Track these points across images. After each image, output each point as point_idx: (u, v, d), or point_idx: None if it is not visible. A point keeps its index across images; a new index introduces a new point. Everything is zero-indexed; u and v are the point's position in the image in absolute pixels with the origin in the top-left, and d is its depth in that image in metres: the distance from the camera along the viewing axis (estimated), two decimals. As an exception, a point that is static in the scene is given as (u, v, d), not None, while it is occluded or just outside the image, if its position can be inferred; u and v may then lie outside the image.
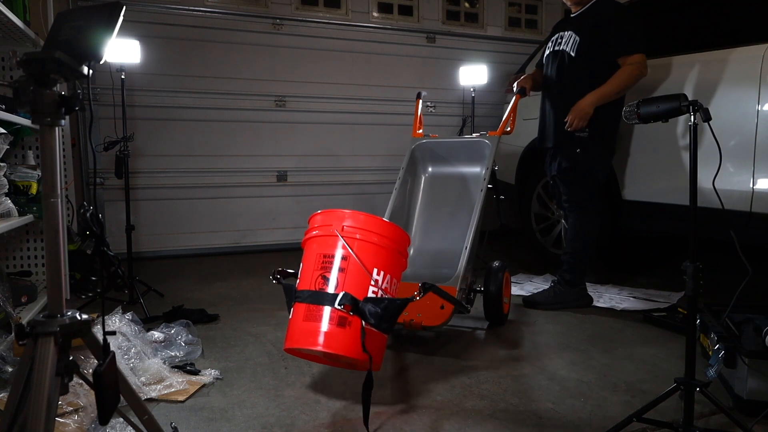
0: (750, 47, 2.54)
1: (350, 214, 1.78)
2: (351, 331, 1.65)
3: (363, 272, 1.71)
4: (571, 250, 2.96)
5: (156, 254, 4.29)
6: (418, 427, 1.68)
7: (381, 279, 1.74)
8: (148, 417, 1.28)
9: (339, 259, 1.72)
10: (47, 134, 1.11)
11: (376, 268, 1.73)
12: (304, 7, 4.65)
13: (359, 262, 1.70)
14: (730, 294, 1.65)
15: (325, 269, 1.71)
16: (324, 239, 1.76)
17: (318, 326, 1.67)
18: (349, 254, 1.71)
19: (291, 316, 1.76)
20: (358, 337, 1.65)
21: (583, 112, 2.73)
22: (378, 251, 1.76)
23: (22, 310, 2.53)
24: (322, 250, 1.75)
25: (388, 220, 1.92)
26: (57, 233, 1.14)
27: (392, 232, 1.81)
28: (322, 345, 1.66)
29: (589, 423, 1.70)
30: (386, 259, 1.77)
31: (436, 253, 2.84)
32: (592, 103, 2.72)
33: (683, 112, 1.50)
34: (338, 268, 1.71)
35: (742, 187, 2.51)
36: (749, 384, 1.69)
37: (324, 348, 1.66)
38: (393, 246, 1.79)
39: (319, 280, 1.71)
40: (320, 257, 1.74)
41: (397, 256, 1.82)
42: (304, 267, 1.80)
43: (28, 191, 2.71)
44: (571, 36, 2.85)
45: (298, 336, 1.70)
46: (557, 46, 2.93)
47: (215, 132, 4.44)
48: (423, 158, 3.01)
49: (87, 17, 1.13)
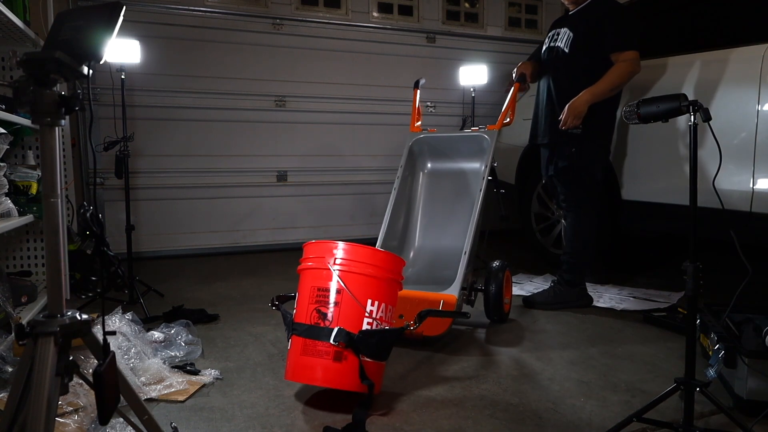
0: (750, 47, 2.54)
1: (343, 246, 1.78)
2: (348, 364, 1.70)
3: (357, 305, 1.73)
4: (570, 250, 2.96)
5: (156, 254, 4.29)
6: (418, 427, 1.68)
7: (375, 309, 1.76)
8: (148, 417, 1.28)
9: (333, 293, 1.74)
10: (47, 134, 1.11)
11: (370, 299, 1.75)
12: (304, 7, 4.65)
13: (352, 296, 1.72)
14: (730, 294, 1.65)
15: (319, 303, 1.74)
16: (317, 272, 1.77)
17: (316, 361, 1.72)
18: (343, 288, 1.73)
19: (290, 347, 1.81)
20: (356, 369, 1.69)
21: (578, 111, 2.72)
22: (371, 282, 1.77)
23: (22, 310, 2.53)
24: (316, 283, 1.77)
25: (381, 249, 1.94)
26: (57, 233, 1.14)
27: (385, 261, 1.82)
28: (321, 381, 1.74)
29: (589, 423, 1.70)
30: (380, 288, 1.79)
31: (437, 252, 2.84)
32: (587, 101, 2.71)
33: (683, 112, 1.50)
34: (333, 302, 1.73)
35: (742, 187, 2.51)
36: (749, 384, 1.69)
37: (323, 384, 1.75)
38: (387, 275, 1.80)
39: (314, 314, 1.75)
40: (314, 290, 1.76)
41: (391, 284, 1.83)
42: (300, 298, 1.82)
43: (28, 191, 2.71)
44: (566, 33, 2.86)
45: (298, 371, 1.76)
46: (552, 42, 2.94)
47: (215, 132, 4.44)
48: (421, 154, 2.99)
49: (87, 17, 1.13)
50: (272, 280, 3.62)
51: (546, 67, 2.98)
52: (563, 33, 2.88)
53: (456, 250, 2.55)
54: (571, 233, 2.98)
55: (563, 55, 2.85)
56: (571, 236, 2.97)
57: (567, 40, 2.84)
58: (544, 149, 3.04)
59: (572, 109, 2.73)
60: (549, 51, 2.96)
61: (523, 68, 3.02)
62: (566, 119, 2.74)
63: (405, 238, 2.90)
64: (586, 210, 2.92)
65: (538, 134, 3.01)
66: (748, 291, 1.56)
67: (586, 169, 2.86)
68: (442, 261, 2.77)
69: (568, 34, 2.85)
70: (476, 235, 2.55)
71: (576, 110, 2.72)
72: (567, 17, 2.99)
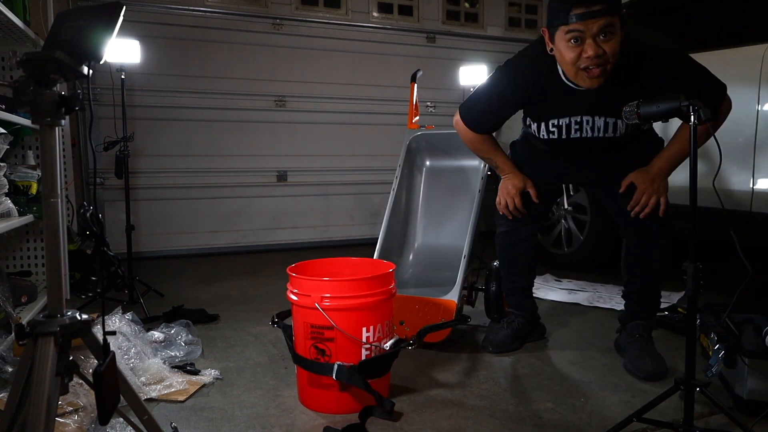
0: (750, 47, 2.54)
1: (328, 286, 1.75)
2: (356, 388, 1.72)
3: (353, 338, 1.74)
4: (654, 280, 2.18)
5: (156, 254, 4.29)
6: (418, 427, 1.68)
7: (372, 334, 1.77)
8: (148, 417, 1.28)
9: (326, 329, 1.74)
10: (47, 134, 1.10)
11: (364, 327, 1.76)
12: (304, 7, 4.65)
13: (346, 333, 1.73)
14: (730, 294, 1.65)
15: (315, 339, 1.75)
16: (307, 310, 1.76)
17: (324, 393, 1.77)
18: (335, 326, 1.73)
19: (297, 374, 1.85)
20: (364, 391, 1.71)
21: (663, 188, 1.96)
22: (363, 312, 1.76)
23: (22, 310, 2.53)
24: (308, 320, 1.76)
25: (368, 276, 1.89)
26: (57, 233, 1.14)
27: (373, 285, 1.79)
28: (335, 411, 1.77)
29: (589, 423, 1.70)
30: (373, 313, 1.78)
31: (437, 252, 2.84)
32: (667, 173, 1.98)
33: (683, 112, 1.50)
34: (328, 338, 1.74)
35: (742, 187, 2.51)
36: (749, 384, 1.69)
37: (337, 413, 1.76)
38: (377, 298, 1.78)
39: (312, 350, 1.76)
40: (308, 326, 1.77)
41: (384, 302, 1.82)
42: (296, 328, 1.83)
43: (28, 191, 2.71)
44: (601, 121, 1.96)
45: (310, 400, 1.81)
46: (575, 133, 2.01)
47: (215, 132, 4.44)
48: (420, 151, 2.96)
49: (87, 17, 1.13)
50: (272, 280, 3.62)
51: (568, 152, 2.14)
52: (595, 122, 1.97)
53: (456, 250, 2.55)
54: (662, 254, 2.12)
55: (608, 141, 2.02)
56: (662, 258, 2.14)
57: (607, 127, 1.97)
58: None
59: (654, 190, 1.95)
60: (567, 142, 2.05)
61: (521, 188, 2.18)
62: (653, 203, 1.96)
63: (405, 239, 2.90)
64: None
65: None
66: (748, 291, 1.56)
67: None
68: (443, 261, 2.76)
69: (605, 121, 1.96)
70: (476, 236, 2.55)
71: (661, 189, 1.96)
72: (582, 97, 1.93)
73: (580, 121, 1.98)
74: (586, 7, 1.68)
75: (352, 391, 1.74)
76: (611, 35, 1.71)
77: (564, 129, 2.01)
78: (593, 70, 1.75)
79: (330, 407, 1.77)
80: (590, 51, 1.71)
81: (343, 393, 1.75)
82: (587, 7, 1.68)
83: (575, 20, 1.70)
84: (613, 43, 1.72)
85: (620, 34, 1.74)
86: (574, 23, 1.70)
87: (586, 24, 1.69)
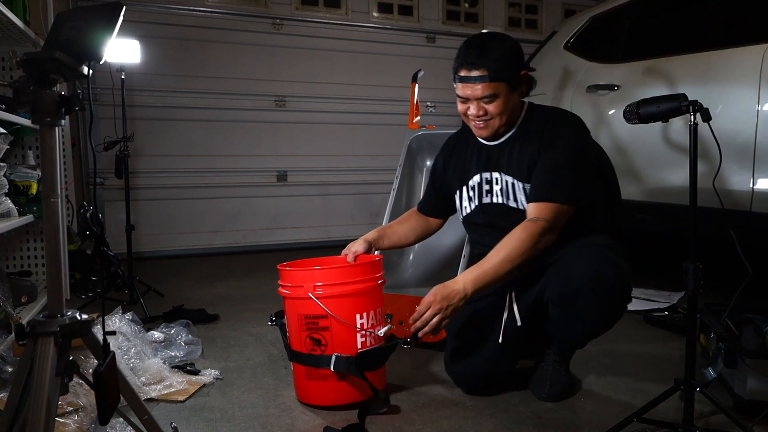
0: (750, 47, 2.54)
1: (320, 274, 1.77)
2: (353, 379, 1.73)
3: (348, 326, 1.74)
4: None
5: (156, 254, 4.29)
6: (418, 427, 1.68)
7: (366, 321, 1.77)
8: (148, 417, 1.28)
9: (321, 319, 1.74)
10: (47, 134, 1.10)
11: (358, 314, 1.75)
12: (304, 7, 4.65)
13: (340, 319, 1.72)
14: (730, 294, 1.65)
15: (310, 330, 1.75)
16: (301, 301, 1.76)
17: (322, 384, 1.77)
18: (329, 314, 1.73)
19: (293, 370, 1.85)
20: (361, 381, 1.71)
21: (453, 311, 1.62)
22: (356, 298, 1.76)
23: (22, 310, 2.53)
24: (302, 311, 1.76)
25: (356, 261, 1.89)
26: (57, 233, 1.14)
27: (364, 271, 1.80)
28: (333, 401, 1.77)
29: (589, 423, 1.70)
30: (366, 299, 1.78)
31: (437, 252, 2.84)
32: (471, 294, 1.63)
33: (683, 112, 1.50)
34: (323, 327, 1.74)
35: (742, 187, 2.51)
36: (749, 384, 1.69)
37: (336, 403, 1.77)
38: (369, 284, 1.79)
39: (308, 342, 1.76)
40: (302, 318, 1.76)
41: (375, 289, 1.82)
42: (290, 323, 1.83)
43: (28, 191, 2.71)
44: (504, 181, 1.80)
45: (308, 394, 1.81)
46: (486, 197, 1.85)
47: (215, 132, 4.44)
48: (421, 151, 2.96)
49: (87, 17, 1.13)
50: (272, 280, 3.59)
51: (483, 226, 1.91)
52: (502, 179, 1.81)
53: (456, 249, 2.55)
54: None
55: (516, 212, 1.78)
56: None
57: (512, 190, 1.79)
58: None
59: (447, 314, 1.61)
60: (483, 211, 1.87)
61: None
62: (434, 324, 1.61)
63: (405, 238, 2.89)
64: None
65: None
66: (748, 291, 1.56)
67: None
68: (443, 261, 2.76)
69: (511, 183, 1.78)
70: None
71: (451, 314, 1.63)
72: (489, 151, 1.85)
73: (490, 179, 1.84)
74: (468, 71, 1.69)
75: (350, 380, 1.74)
76: (494, 98, 1.70)
77: (477, 190, 1.87)
78: (479, 123, 1.76)
79: (328, 398, 1.77)
80: (473, 110, 1.74)
81: (342, 383, 1.74)
82: (468, 71, 1.69)
83: (458, 81, 1.73)
84: (497, 105, 1.71)
85: (512, 96, 1.72)
86: (458, 83, 1.73)
87: (465, 87, 1.71)
